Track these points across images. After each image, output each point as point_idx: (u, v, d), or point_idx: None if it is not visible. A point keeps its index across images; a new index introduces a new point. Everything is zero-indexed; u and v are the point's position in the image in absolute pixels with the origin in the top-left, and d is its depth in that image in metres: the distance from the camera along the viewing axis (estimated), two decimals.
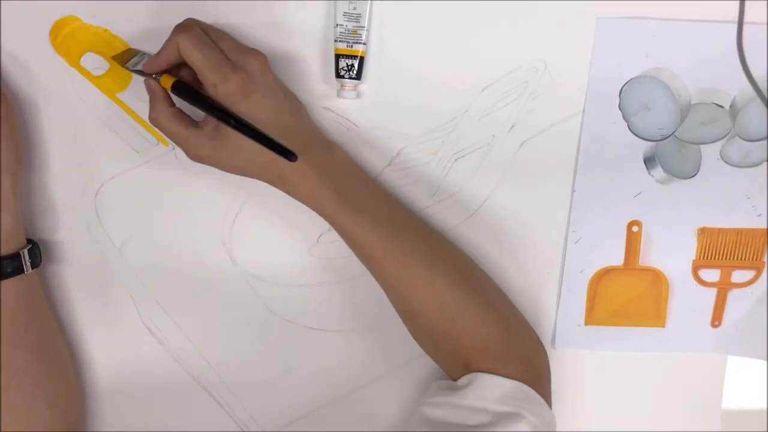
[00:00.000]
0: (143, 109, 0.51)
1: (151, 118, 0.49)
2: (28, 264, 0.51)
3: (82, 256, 0.56)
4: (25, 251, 0.50)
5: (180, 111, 0.49)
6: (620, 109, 0.55)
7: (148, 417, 0.60)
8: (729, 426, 0.63)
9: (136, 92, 0.53)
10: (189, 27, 0.46)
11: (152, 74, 0.48)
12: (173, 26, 0.47)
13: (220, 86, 0.46)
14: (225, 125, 0.46)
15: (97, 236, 0.56)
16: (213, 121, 0.48)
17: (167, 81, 0.47)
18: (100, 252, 0.56)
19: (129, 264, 0.57)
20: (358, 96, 0.54)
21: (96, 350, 0.59)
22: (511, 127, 0.56)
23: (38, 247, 0.53)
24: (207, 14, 0.51)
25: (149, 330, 0.58)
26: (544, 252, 0.59)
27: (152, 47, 0.52)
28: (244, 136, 0.45)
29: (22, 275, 0.50)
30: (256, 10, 0.52)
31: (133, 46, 0.52)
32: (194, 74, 0.47)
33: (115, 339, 0.58)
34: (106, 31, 0.52)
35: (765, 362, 0.62)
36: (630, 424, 0.63)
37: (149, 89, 0.49)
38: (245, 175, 0.50)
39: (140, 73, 0.49)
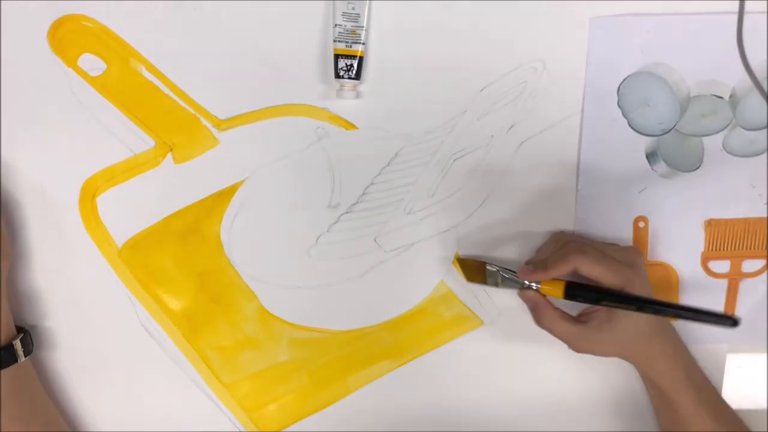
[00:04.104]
0: (141, 109, 0.51)
1: (541, 325, 0.54)
2: (21, 353, 0.52)
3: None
4: (18, 340, 0.52)
5: (564, 312, 0.53)
6: (619, 106, 0.55)
7: (148, 418, 0.60)
8: None
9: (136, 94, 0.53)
10: (583, 249, 0.52)
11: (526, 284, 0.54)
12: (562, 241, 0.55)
13: (627, 286, 0.51)
14: (630, 312, 0.50)
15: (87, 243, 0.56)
16: (598, 316, 0.53)
17: (553, 287, 0.52)
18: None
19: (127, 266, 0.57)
20: (357, 96, 0.54)
21: (94, 353, 0.58)
22: (510, 128, 0.56)
23: (29, 334, 0.54)
24: (206, 14, 0.51)
25: (148, 332, 0.58)
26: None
27: (152, 48, 0.52)
28: (628, 324, 0.51)
29: (16, 364, 0.52)
30: (255, 10, 0.52)
31: (133, 46, 0.52)
32: None
33: (114, 342, 0.58)
34: (104, 31, 0.52)
35: (765, 362, 0.62)
36: (629, 424, 0.63)
37: (530, 299, 0.54)
38: (617, 356, 0.55)
39: (512, 283, 0.54)
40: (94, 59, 0.52)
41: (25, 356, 0.53)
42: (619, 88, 0.54)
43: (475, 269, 0.56)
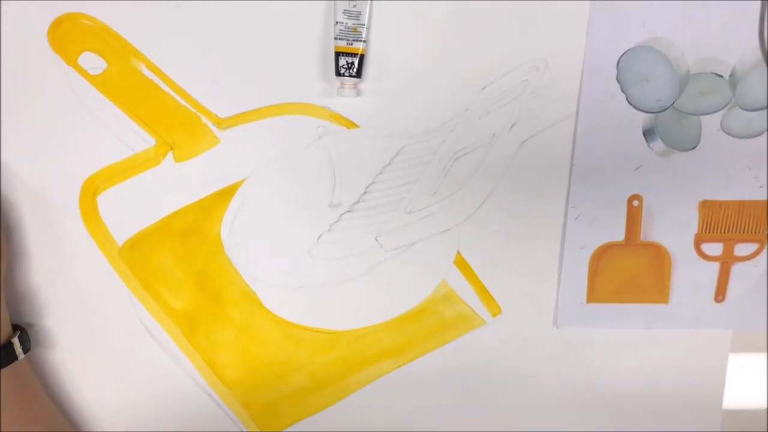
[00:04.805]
0: (141, 107, 0.51)
1: None
2: (21, 350, 0.52)
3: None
4: (16, 338, 0.52)
5: None
6: (618, 81, 0.54)
7: (147, 418, 0.60)
8: (729, 426, 0.63)
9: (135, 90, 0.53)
10: None
11: None
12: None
13: None
14: None
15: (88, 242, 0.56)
16: None
17: None
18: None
19: (127, 265, 0.57)
20: (358, 94, 0.54)
21: (94, 352, 0.58)
22: (512, 126, 0.56)
23: (26, 332, 0.54)
24: (207, 12, 0.51)
25: (148, 331, 0.58)
26: (544, 251, 0.59)
27: (152, 47, 0.52)
28: None
29: (15, 362, 0.52)
30: (256, 8, 0.52)
31: (133, 44, 0.52)
32: None
33: (114, 341, 0.58)
34: (104, 29, 0.52)
35: (765, 362, 0.62)
36: (630, 424, 0.63)
37: None
38: None
39: None
40: (94, 58, 0.52)
41: (24, 353, 0.53)
42: (618, 61, 0.53)
43: None
